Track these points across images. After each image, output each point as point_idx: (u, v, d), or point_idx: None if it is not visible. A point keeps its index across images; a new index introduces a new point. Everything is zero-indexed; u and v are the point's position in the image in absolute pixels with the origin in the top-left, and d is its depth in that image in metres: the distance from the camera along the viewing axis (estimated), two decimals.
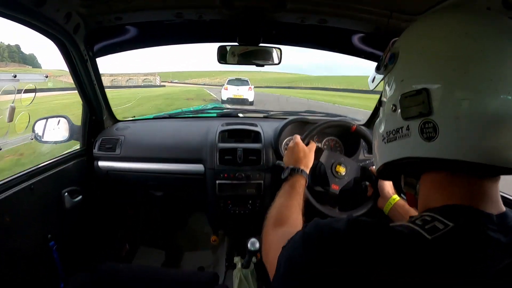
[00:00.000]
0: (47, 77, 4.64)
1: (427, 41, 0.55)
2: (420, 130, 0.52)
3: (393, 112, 0.58)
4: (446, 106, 0.49)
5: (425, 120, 0.52)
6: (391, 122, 0.60)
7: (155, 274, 1.33)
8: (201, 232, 2.30)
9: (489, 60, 0.48)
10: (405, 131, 0.56)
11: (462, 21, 0.53)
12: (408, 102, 0.54)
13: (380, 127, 0.65)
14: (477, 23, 0.52)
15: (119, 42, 1.61)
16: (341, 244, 0.48)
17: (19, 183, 1.22)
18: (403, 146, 0.56)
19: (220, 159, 1.59)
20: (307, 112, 2.11)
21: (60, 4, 1.12)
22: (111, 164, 1.70)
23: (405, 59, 0.58)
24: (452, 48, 0.51)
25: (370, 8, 1.24)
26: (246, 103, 15.56)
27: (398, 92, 0.57)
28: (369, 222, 0.50)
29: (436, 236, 0.45)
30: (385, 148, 0.62)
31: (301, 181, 1.07)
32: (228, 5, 1.23)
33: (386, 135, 0.61)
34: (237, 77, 18.50)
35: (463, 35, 0.50)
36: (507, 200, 1.13)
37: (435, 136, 0.50)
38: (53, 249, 1.35)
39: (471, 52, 0.49)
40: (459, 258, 0.43)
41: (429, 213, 0.50)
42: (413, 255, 0.44)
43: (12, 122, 1.39)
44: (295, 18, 1.34)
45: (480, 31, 0.50)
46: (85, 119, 1.72)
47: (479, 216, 0.48)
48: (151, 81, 53.32)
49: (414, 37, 0.60)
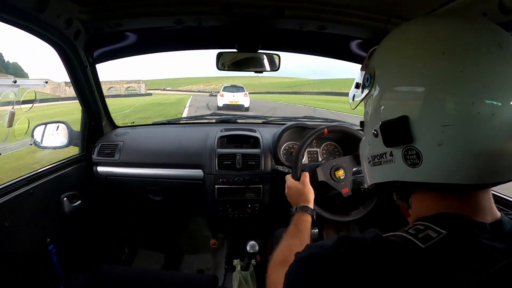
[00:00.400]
0: (46, 83, 4.62)
1: (402, 61, 0.52)
2: (403, 156, 0.51)
3: (374, 137, 0.57)
4: (428, 133, 0.48)
5: (407, 147, 0.50)
6: (374, 147, 0.58)
7: (155, 276, 1.34)
8: (201, 236, 2.30)
9: (470, 81, 0.45)
10: (388, 157, 0.54)
11: (437, 35, 0.50)
12: (388, 130, 0.53)
13: (365, 148, 0.63)
14: (455, 36, 0.49)
15: (119, 48, 1.62)
16: (333, 260, 0.48)
17: (18, 188, 1.22)
18: (389, 171, 0.55)
19: (219, 164, 1.60)
20: (305, 118, 2.13)
21: (61, 10, 1.13)
22: (110, 170, 1.71)
23: (382, 81, 0.56)
24: (430, 70, 0.48)
25: (368, 14, 1.25)
26: (242, 109, 15.85)
27: (377, 118, 0.55)
28: (358, 237, 0.50)
29: (429, 245, 0.45)
30: (372, 170, 0.60)
31: (302, 217, 1.06)
32: (227, 12, 1.25)
33: (371, 159, 0.60)
34: (232, 84, 18.79)
35: (440, 54, 0.47)
36: (507, 202, 1.13)
37: (419, 163, 0.49)
38: (53, 253, 1.35)
39: (451, 74, 0.46)
40: (452, 266, 0.43)
41: (422, 222, 0.50)
42: (407, 264, 0.44)
43: (11, 127, 1.39)
44: (294, 24, 1.36)
45: (459, 47, 0.47)
46: (84, 125, 1.72)
47: (472, 225, 0.48)
48: (135, 89, 49.66)
49: (388, 56, 0.57)
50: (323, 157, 1.72)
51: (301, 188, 1.18)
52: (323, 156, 1.72)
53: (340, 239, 0.50)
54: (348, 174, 1.32)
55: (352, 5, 1.22)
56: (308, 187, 1.19)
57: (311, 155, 1.72)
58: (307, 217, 1.06)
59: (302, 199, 1.14)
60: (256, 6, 1.24)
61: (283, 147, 1.70)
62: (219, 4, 1.21)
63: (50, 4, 1.03)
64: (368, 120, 0.60)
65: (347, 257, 0.47)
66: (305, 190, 1.17)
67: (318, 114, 3.64)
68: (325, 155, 1.73)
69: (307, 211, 1.08)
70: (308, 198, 1.14)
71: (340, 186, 1.30)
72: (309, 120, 2.09)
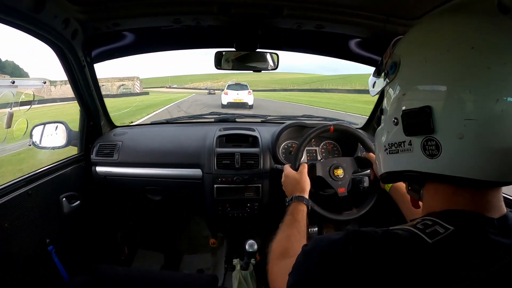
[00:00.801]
0: (45, 83, 4.59)
1: (430, 52, 0.52)
2: (422, 146, 0.52)
3: (394, 125, 0.57)
4: (450, 126, 0.48)
5: (427, 138, 0.51)
6: (393, 135, 0.58)
7: (155, 277, 1.34)
8: (200, 235, 2.31)
9: (496, 79, 0.45)
10: (407, 145, 0.55)
11: (466, 30, 0.50)
12: (410, 118, 0.53)
13: (381, 136, 0.63)
14: (483, 33, 0.49)
15: (117, 48, 1.62)
16: (342, 253, 0.49)
17: (17, 188, 1.22)
18: (406, 160, 0.55)
19: (218, 164, 1.60)
20: (304, 117, 2.13)
21: (58, 10, 1.13)
22: (109, 170, 1.71)
23: (407, 70, 0.56)
24: (458, 64, 0.48)
25: (366, 13, 1.25)
26: (246, 106, 16.51)
27: (399, 106, 0.55)
28: (368, 231, 0.50)
29: (437, 240, 0.45)
30: (388, 158, 0.61)
31: (298, 207, 1.06)
32: (225, 12, 1.25)
33: (388, 147, 0.60)
34: (236, 82, 19.17)
35: (469, 49, 0.47)
36: (508, 200, 1.14)
37: (438, 154, 0.49)
38: (53, 254, 1.35)
39: (478, 69, 0.46)
40: (456, 262, 0.44)
41: (430, 217, 0.50)
42: (414, 259, 0.44)
43: (10, 128, 1.39)
44: (292, 24, 1.36)
45: (487, 44, 0.47)
46: (83, 125, 1.72)
47: (480, 220, 0.48)
48: (129, 88, 43.17)
49: (415, 45, 0.57)
50: (322, 156, 1.72)
51: (298, 178, 1.18)
52: (322, 155, 1.72)
53: (348, 234, 0.51)
54: (347, 174, 1.32)
55: (351, 4, 1.22)
56: (305, 177, 1.19)
57: (310, 153, 1.72)
58: (303, 207, 1.06)
59: (298, 189, 1.14)
60: (255, 5, 1.23)
61: (282, 146, 1.70)
62: (217, 4, 1.21)
63: (48, 5, 1.03)
64: (388, 108, 0.60)
65: (355, 254, 0.47)
66: (301, 180, 1.17)
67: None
68: (324, 154, 1.73)
69: (303, 201, 1.08)
70: (304, 187, 1.14)
71: (337, 185, 1.30)
72: (308, 118, 2.09)
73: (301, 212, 1.04)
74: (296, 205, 1.07)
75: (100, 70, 1.60)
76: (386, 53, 0.64)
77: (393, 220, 1.64)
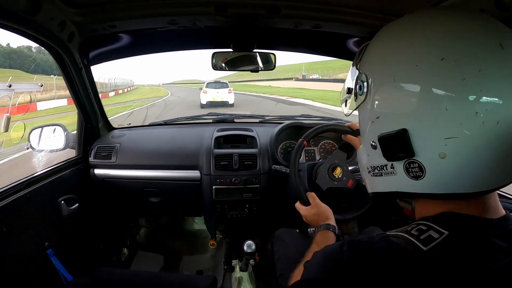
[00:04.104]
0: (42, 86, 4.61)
1: (398, 68, 0.48)
2: (405, 169, 0.49)
3: (373, 148, 0.53)
4: (431, 147, 0.45)
5: (409, 161, 0.48)
6: (373, 158, 0.55)
7: (154, 278, 1.33)
8: (199, 236, 2.31)
9: (473, 90, 0.42)
10: (389, 169, 0.52)
11: (434, 37, 0.46)
12: (387, 143, 0.50)
13: (363, 158, 0.60)
14: (452, 38, 0.45)
15: (113, 50, 1.62)
16: (338, 265, 0.48)
17: (15, 192, 1.21)
18: (390, 182, 0.53)
19: (216, 165, 1.60)
20: (302, 116, 2.12)
21: (54, 13, 1.13)
22: (107, 172, 1.70)
23: (377, 90, 0.51)
24: (429, 80, 0.44)
25: (363, 12, 1.25)
26: (227, 105, 15.38)
27: (375, 131, 0.52)
28: (364, 240, 0.50)
29: (432, 247, 0.44)
30: (372, 180, 0.58)
31: (324, 235, 1.00)
32: (222, 12, 1.24)
33: (371, 169, 0.57)
34: (216, 80, 17.90)
35: (439, 61, 0.43)
36: (508, 199, 1.13)
37: (422, 175, 0.47)
38: (53, 257, 1.34)
39: (452, 84, 0.42)
40: (454, 267, 0.43)
41: (424, 221, 0.49)
42: (409, 268, 0.43)
43: (7, 132, 1.39)
44: (289, 23, 1.36)
45: (458, 51, 0.43)
46: (81, 127, 1.71)
47: (478, 221, 0.47)
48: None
49: (381, 61, 0.52)
50: (321, 156, 1.72)
51: (316, 212, 1.10)
52: (321, 155, 1.72)
53: (342, 245, 0.50)
54: (345, 167, 1.27)
55: (348, 3, 1.22)
56: (321, 206, 1.10)
57: (308, 154, 1.72)
58: (330, 235, 1.00)
59: (322, 219, 1.07)
60: (252, 5, 1.23)
61: (281, 146, 1.70)
62: (214, 4, 1.21)
63: (43, 7, 1.03)
64: (364, 130, 0.57)
65: (350, 266, 0.47)
66: (320, 211, 1.09)
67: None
68: (322, 154, 1.73)
69: (329, 229, 1.02)
70: (327, 216, 1.07)
71: (344, 182, 1.26)
72: (305, 118, 2.08)
73: (326, 239, 0.97)
74: (322, 234, 1.01)
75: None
76: (354, 61, 0.60)
77: (393, 219, 1.65)
